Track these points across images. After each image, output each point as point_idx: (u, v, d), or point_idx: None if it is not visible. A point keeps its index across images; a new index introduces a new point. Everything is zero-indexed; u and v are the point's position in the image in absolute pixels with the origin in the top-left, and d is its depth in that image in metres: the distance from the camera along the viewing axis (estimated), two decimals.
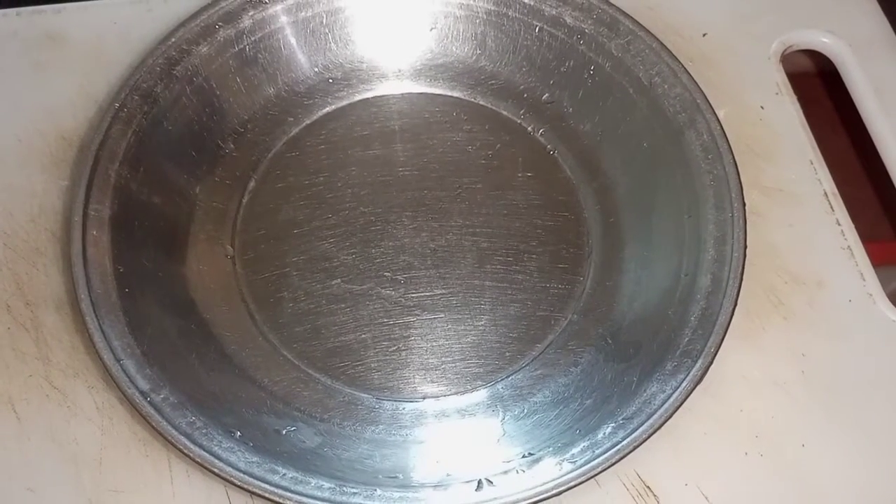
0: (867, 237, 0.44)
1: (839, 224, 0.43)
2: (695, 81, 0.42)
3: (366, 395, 0.40)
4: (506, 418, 0.39)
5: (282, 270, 0.42)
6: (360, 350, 0.40)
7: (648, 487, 0.37)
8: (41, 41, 0.47)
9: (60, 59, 0.46)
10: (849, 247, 0.43)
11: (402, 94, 0.46)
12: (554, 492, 0.35)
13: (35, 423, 0.38)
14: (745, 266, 0.39)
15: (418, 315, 0.41)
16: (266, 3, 0.44)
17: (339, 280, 0.42)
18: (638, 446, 0.35)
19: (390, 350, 0.40)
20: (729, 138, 0.41)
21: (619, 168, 0.44)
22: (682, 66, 0.43)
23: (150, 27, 0.46)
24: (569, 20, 0.44)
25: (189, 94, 0.43)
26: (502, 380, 0.40)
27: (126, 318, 0.37)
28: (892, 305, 0.41)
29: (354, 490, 0.35)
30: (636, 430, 0.36)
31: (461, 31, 0.46)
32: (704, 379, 0.37)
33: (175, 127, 0.42)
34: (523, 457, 0.36)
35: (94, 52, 0.46)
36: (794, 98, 0.47)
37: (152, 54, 0.42)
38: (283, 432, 0.38)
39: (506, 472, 0.36)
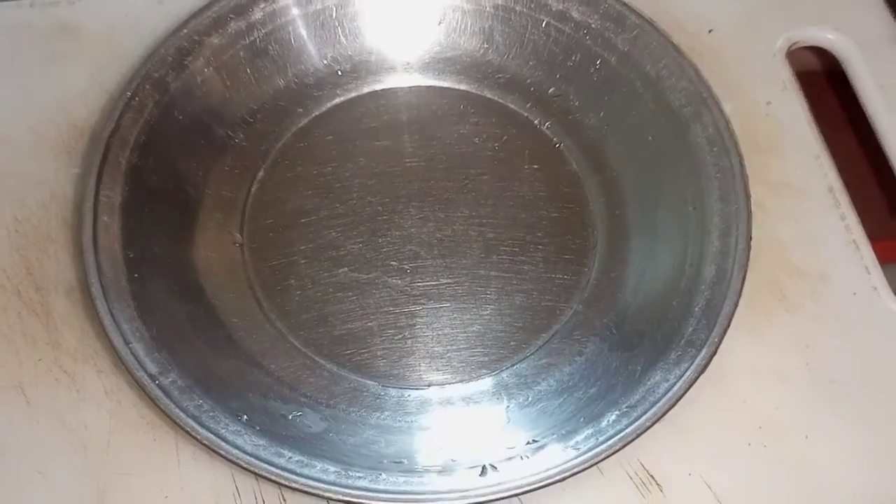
0: (873, 235, 0.44)
1: (844, 218, 0.43)
2: (700, 75, 0.43)
3: (371, 382, 0.40)
4: (510, 406, 0.39)
5: (289, 259, 0.42)
6: (367, 338, 0.41)
7: (652, 476, 0.37)
8: (54, 32, 0.47)
9: (73, 51, 0.47)
10: (854, 241, 0.43)
11: (411, 86, 0.47)
12: (557, 478, 0.35)
13: (45, 406, 0.38)
14: (750, 259, 0.39)
15: (424, 304, 0.41)
16: None
17: (346, 269, 0.42)
18: (641, 434, 0.36)
19: (396, 338, 0.41)
20: (735, 133, 0.41)
21: (625, 161, 0.44)
22: (688, 59, 0.43)
23: (162, 19, 0.46)
24: (575, 15, 0.45)
25: (199, 85, 0.43)
26: (507, 368, 0.40)
27: (135, 304, 0.38)
28: None
29: (360, 474, 0.35)
30: (639, 418, 0.36)
31: (469, 24, 0.46)
32: (708, 370, 0.37)
33: (185, 116, 0.43)
34: (527, 443, 0.37)
35: (107, 43, 0.47)
36: (801, 94, 0.47)
37: (164, 44, 0.42)
38: (290, 417, 0.38)
39: (510, 459, 0.36)
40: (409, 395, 0.40)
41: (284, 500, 0.37)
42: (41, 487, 0.37)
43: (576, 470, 0.35)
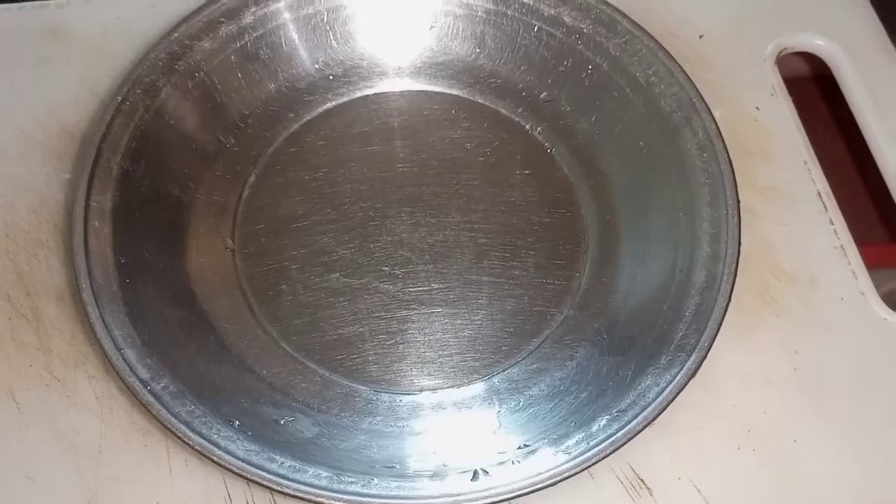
0: (861, 240, 0.44)
1: (832, 223, 0.44)
2: (691, 81, 0.43)
3: (363, 388, 0.40)
4: (502, 411, 0.39)
5: (281, 264, 0.42)
6: (358, 343, 0.41)
7: (642, 480, 0.38)
8: (45, 35, 0.47)
9: (64, 54, 0.46)
10: (841, 246, 0.43)
11: (402, 91, 0.47)
12: (548, 482, 0.35)
13: (35, 412, 0.38)
14: (739, 264, 0.39)
15: (416, 309, 0.42)
16: None
17: (337, 274, 0.42)
18: (632, 438, 0.36)
19: (388, 343, 0.41)
20: (724, 138, 0.42)
21: (616, 166, 0.45)
22: (679, 65, 0.43)
23: (153, 23, 0.46)
24: (567, 20, 0.45)
25: (191, 89, 0.43)
26: (498, 373, 0.40)
27: (127, 309, 0.38)
28: (883, 304, 0.42)
29: (352, 479, 0.35)
30: (630, 422, 0.36)
31: (460, 29, 0.46)
32: (698, 374, 0.37)
33: (176, 121, 0.43)
34: (519, 448, 0.37)
35: (98, 46, 0.47)
36: (790, 99, 0.47)
37: (155, 48, 0.42)
38: (282, 422, 0.38)
39: (501, 463, 0.36)
40: (400, 400, 0.40)
41: None
42: (32, 493, 0.37)
43: (567, 474, 0.35)
